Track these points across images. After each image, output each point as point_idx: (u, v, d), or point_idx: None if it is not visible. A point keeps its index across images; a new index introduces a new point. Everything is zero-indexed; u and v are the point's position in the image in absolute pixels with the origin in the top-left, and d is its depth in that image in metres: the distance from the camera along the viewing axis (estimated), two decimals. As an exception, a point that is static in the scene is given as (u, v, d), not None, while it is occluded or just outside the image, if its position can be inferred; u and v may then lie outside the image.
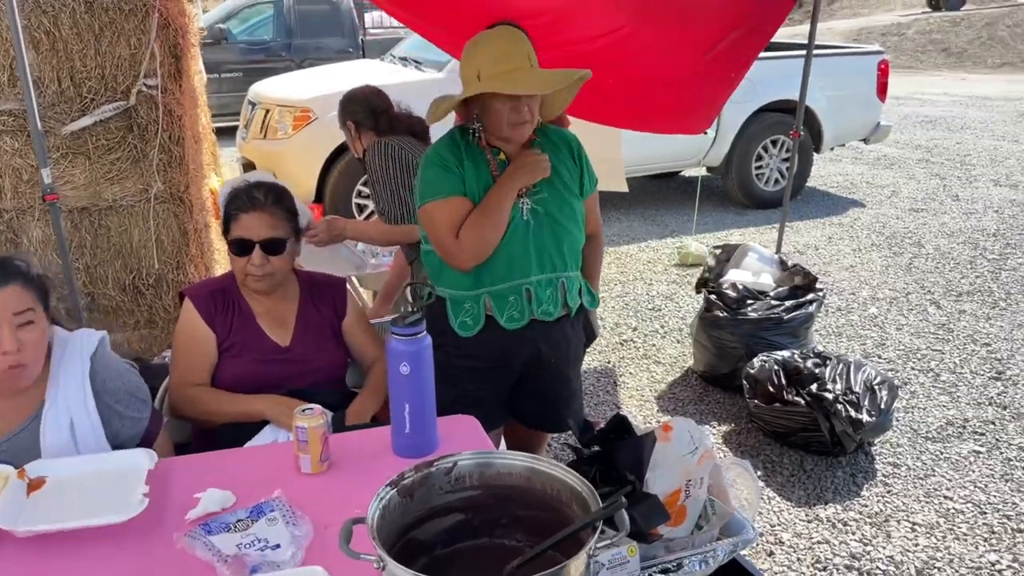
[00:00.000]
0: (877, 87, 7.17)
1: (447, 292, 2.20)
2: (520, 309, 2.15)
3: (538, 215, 2.13)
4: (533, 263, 2.13)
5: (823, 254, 5.82)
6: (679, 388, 3.98)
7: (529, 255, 2.13)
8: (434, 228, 2.12)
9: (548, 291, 2.16)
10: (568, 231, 2.17)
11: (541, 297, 2.15)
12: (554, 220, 2.14)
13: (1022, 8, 21.48)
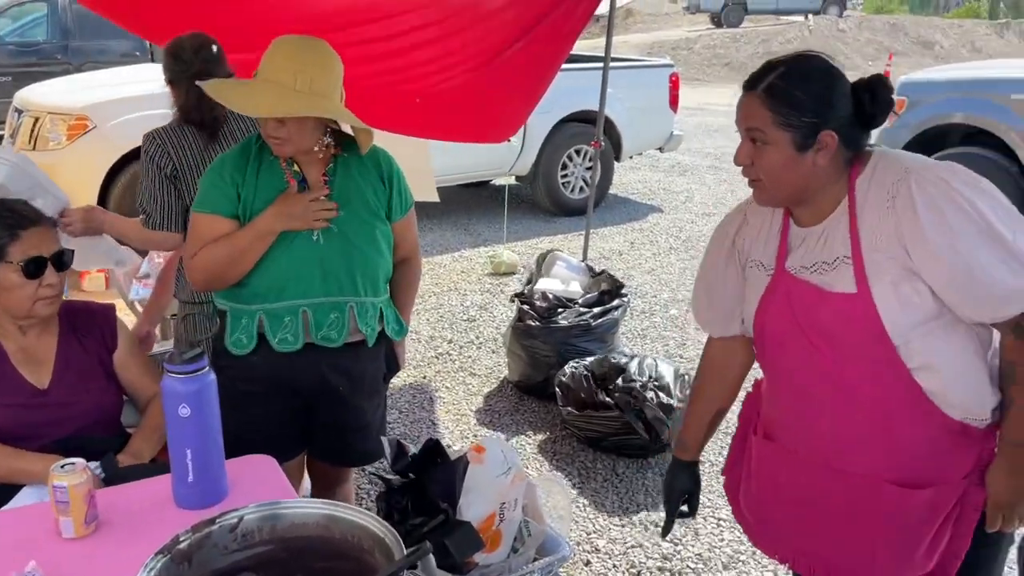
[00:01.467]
0: (669, 98, 7.58)
1: (226, 304, 2.03)
2: (295, 332, 2.00)
3: (331, 235, 1.99)
4: (316, 284, 1.99)
5: (626, 259, 6.05)
6: (495, 399, 3.95)
7: (313, 275, 1.98)
8: (188, 237, 2.03)
9: (332, 315, 2.02)
10: (365, 255, 2.04)
11: (322, 321, 2.01)
12: (348, 242, 2.01)
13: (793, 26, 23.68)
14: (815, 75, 1.46)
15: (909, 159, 1.47)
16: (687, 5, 28.29)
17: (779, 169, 1.46)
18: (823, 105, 1.43)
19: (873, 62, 21.78)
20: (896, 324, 1.42)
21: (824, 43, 22.68)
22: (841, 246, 1.47)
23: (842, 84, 1.46)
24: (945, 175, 1.39)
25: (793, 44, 22.38)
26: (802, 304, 1.52)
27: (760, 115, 1.46)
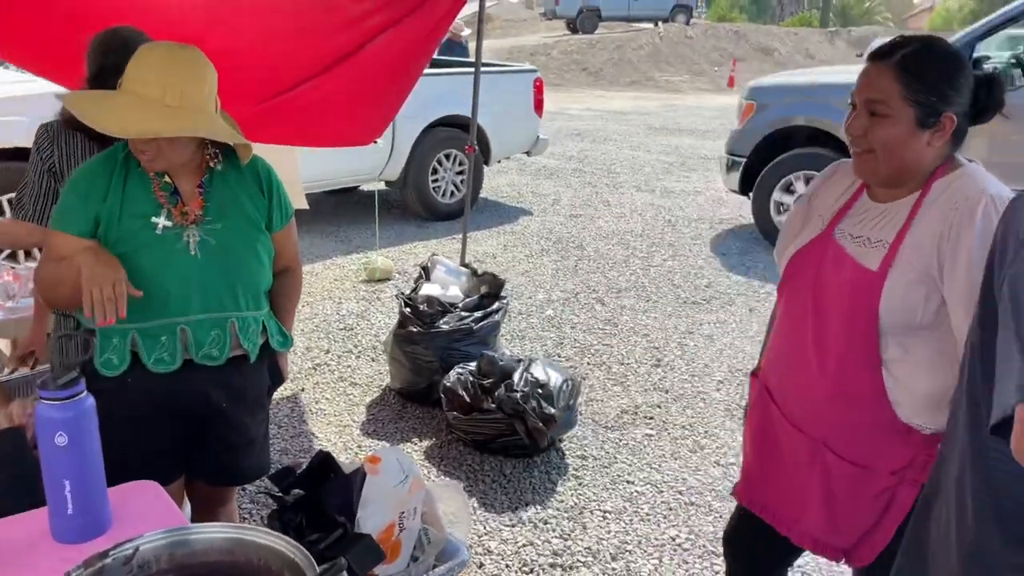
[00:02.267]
0: (534, 103, 7.72)
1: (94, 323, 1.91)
2: (172, 351, 1.91)
3: (209, 248, 1.91)
4: (194, 301, 1.91)
5: (501, 261, 6.11)
6: (378, 408, 3.90)
7: (190, 292, 1.90)
8: (44, 251, 1.94)
9: (213, 332, 1.94)
10: (246, 267, 1.97)
11: (202, 339, 1.93)
12: (228, 255, 1.93)
13: (645, 32, 24.62)
14: (948, 56, 1.51)
15: (995, 186, 1.50)
16: (544, 11, 28.88)
17: (895, 143, 1.51)
18: (951, 87, 1.48)
19: (719, 68, 22.98)
20: (890, 314, 1.50)
21: (674, 49, 23.73)
22: (891, 230, 1.54)
23: (969, 71, 1.51)
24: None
25: (645, 50, 23.28)
26: (826, 264, 1.61)
27: (888, 87, 1.49)
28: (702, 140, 12.06)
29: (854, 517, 1.63)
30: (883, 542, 1.61)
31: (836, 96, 6.23)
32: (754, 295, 5.52)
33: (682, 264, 6.15)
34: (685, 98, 18.80)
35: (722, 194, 8.04)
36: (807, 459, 1.67)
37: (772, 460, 1.77)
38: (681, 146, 11.50)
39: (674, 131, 12.97)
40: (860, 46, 23.37)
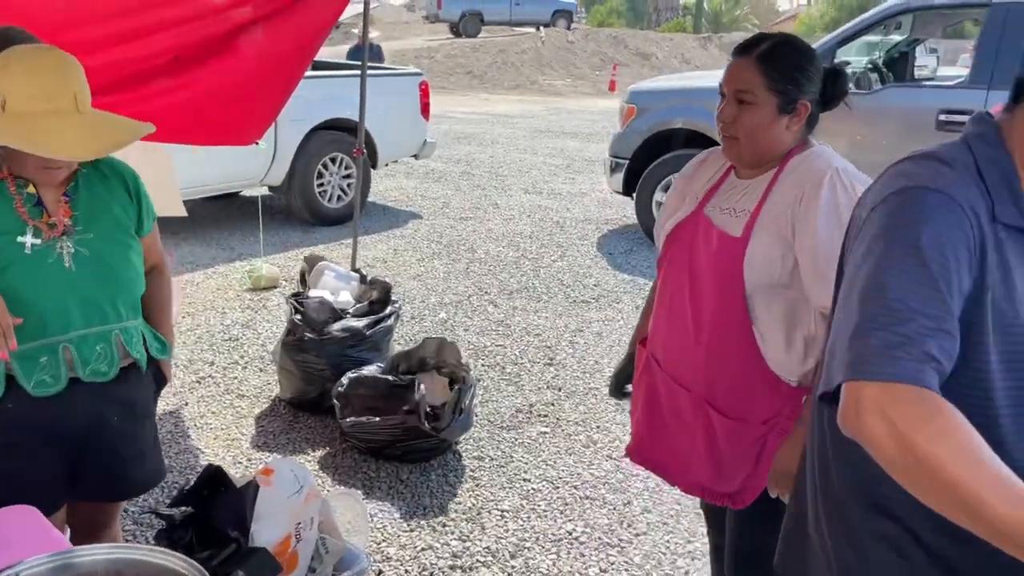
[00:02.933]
0: (420, 106, 7.70)
1: None
2: (55, 372, 1.80)
3: (83, 260, 1.82)
4: (75, 316, 1.81)
5: (391, 266, 6.07)
6: (267, 420, 3.80)
7: (68, 308, 1.80)
8: None
9: (98, 347, 1.85)
10: (123, 277, 1.89)
11: (88, 355, 1.84)
12: (104, 265, 1.84)
13: (528, 37, 24.94)
14: (801, 50, 1.71)
15: (841, 161, 1.70)
16: (426, 15, 28.83)
17: (760, 127, 1.69)
18: (806, 77, 1.68)
19: (600, 72, 23.54)
20: (752, 274, 1.68)
21: (556, 53, 24.15)
22: (751, 201, 1.72)
23: (819, 64, 1.71)
24: (857, 189, 1.60)
25: (528, 54, 23.59)
26: (696, 236, 1.77)
27: (752, 78, 1.68)
28: (586, 143, 12.32)
29: (735, 466, 1.81)
30: (760, 486, 1.78)
31: (711, 100, 6.48)
32: (640, 293, 5.68)
33: (571, 264, 6.26)
34: (568, 102, 19.16)
35: (607, 195, 8.24)
36: (691, 417, 1.83)
37: (659, 420, 1.92)
38: (566, 149, 11.71)
39: (559, 134, 13.19)
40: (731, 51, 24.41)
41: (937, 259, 1.00)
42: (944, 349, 0.97)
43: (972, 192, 1.08)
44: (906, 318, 0.98)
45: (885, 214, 1.08)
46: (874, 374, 0.96)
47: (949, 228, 1.03)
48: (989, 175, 1.10)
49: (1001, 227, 1.08)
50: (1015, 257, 1.09)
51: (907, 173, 1.12)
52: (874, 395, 0.95)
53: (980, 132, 1.15)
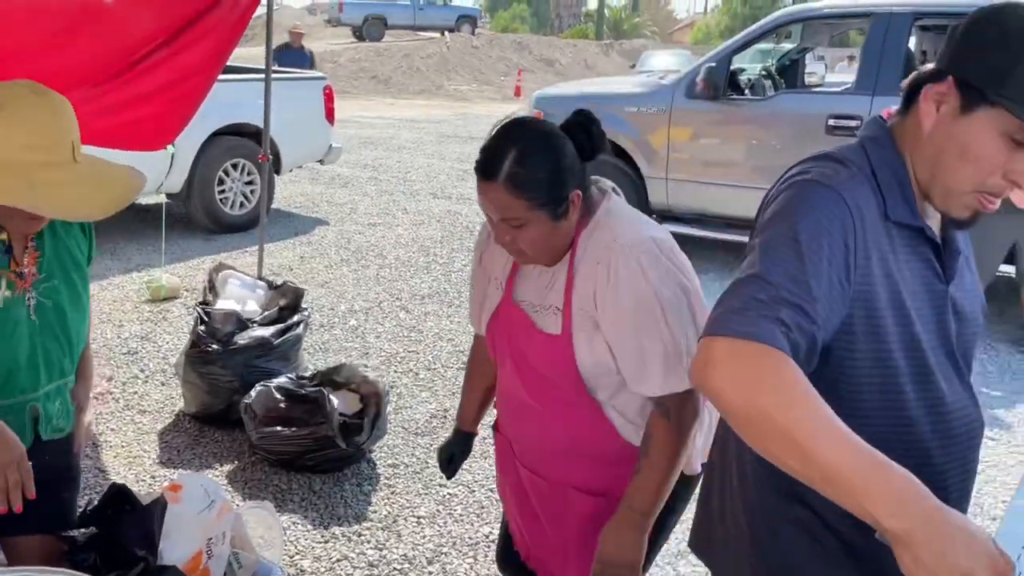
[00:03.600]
0: (325, 111, 7.59)
1: None
2: (20, 433, 1.63)
3: (45, 311, 1.67)
4: (42, 372, 1.69)
5: (298, 273, 5.95)
6: (172, 435, 3.67)
7: (37, 364, 1.67)
8: None
9: (57, 402, 1.75)
10: (78, 324, 1.76)
11: (50, 412, 1.73)
12: (63, 314, 1.70)
13: (433, 42, 24.90)
14: (541, 147, 1.51)
15: (619, 229, 1.55)
16: (328, 18, 28.42)
17: (542, 240, 1.55)
18: (562, 173, 1.50)
19: (505, 77, 23.72)
20: (587, 368, 1.58)
21: (461, 58, 24.21)
22: (558, 295, 1.59)
23: (564, 143, 1.53)
24: (644, 262, 1.50)
25: (434, 59, 23.56)
26: (517, 332, 1.66)
27: (512, 204, 1.50)
28: (493, 147, 12.37)
29: None
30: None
31: (615, 105, 6.65)
32: (550, 295, 5.75)
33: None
34: (474, 106, 19.23)
35: (515, 199, 8.28)
36: (560, 508, 1.71)
37: (531, 514, 1.80)
38: (474, 153, 11.47)
39: (466, 139, 13.22)
40: (632, 57, 25.02)
41: (811, 245, 1.07)
42: (796, 321, 1.03)
43: (864, 191, 1.15)
44: (767, 286, 1.04)
45: (778, 203, 1.15)
46: (728, 331, 1.01)
47: (830, 221, 1.09)
48: (882, 176, 1.17)
49: (893, 224, 1.16)
50: (907, 253, 1.17)
51: (804, 171, 1.19)
52: (724, 348, 1.00)
53: (874, 135, 1.22)
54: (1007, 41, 1.07)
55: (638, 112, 6.50)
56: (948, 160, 1.13)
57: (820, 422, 0.94)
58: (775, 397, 0.96)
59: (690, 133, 6.33)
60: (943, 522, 0.88)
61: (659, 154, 6.39)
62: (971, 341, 1.28)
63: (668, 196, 6.41)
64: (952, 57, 1.14)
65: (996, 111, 1.07)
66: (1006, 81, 1.06)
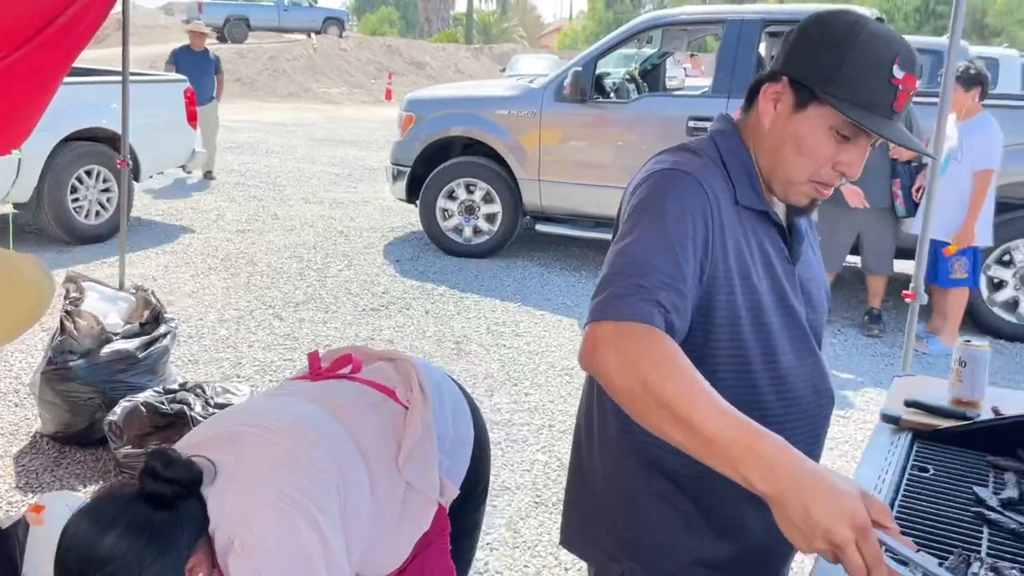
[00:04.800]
0: (187, 114, 7.30)
1: None
2: None
3: None
4: None
5: (163, 284, 5.70)
6: (28, 457, 3.44)
7: None
8: None
9: None
10: None
11: None
12: None
13: (299, 44, 24.32)
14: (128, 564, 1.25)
15: (235, 516, 1.33)
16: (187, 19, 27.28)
17: None
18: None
19: (376, 80, 23.49)
20: None
21: (329, 61, 23.79)
22: None
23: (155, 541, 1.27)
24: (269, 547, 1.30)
25: (301, 62, 23.05)
26: None
27: None
28: (366, 151, 12.25)
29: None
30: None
31: (487, 108, 6.73)
32: (428, 297, 5.75)
33: (358, 273, 6.21)
34: (345, 110, 18.94)
35: (390, 203, 8.25)
36: None
37: None
38: (346, 158, 11.58)
39: (338, 143, 13.02)
40: (502, 61, 25.30)
41: (677, 228, 1.16)
42: (673, 302, 1.11)
43: (717, 178, 1.25)
44: (644, 272, 1.11)
45: (642, 191, 1.23)
46: (611, 315, 1.08)
47: (692, 203, 1.19)
48: (731, 165, 1.28)
49: (742, 209, 1.27)
50: (756, 235, 1.28)
51: (663, 160, 1.28)
52: (609, 331, 1.07)
53: (722, 129, 1.34)
54: (834, 44, 1.18)
55: (509, 115, 6.59)
56: (786, 153, 1.24)
57: (697, 394, 1.01)
58: (656, 372, 1.02)
59: (560, 135, 6.48)
60: (810, 483, 0.94)
61: (531, 156, 6.51)
62: (819, 319, 1.39)
63: (541, 197, 6.54)
64: (786, 59, 1.24)
65: (825, 108, 1.19)
66: (833, 81, 1.18)
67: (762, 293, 1.26)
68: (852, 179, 1.27)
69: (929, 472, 1.62)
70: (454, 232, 6.83)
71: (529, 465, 3.58)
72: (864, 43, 1.17)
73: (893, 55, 1.17)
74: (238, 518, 1.31)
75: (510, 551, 2.96)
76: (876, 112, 1.18)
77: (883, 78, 1.17)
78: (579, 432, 1.45)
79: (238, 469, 1.35)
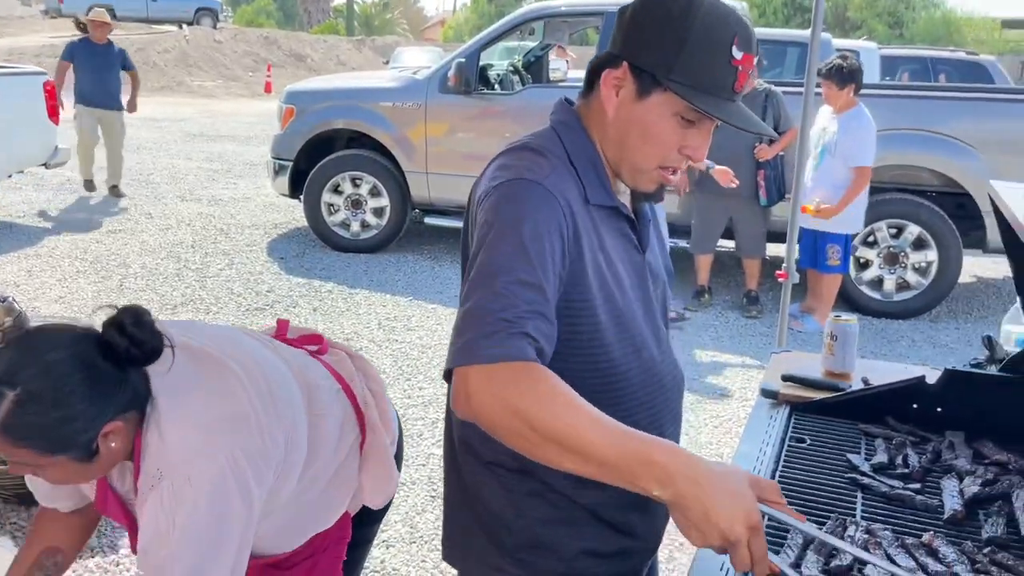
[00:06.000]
0: (47, 109, 6.86)
1: None
2: None
3: None
4: None
5: (26, 290, 5.33)
6: None
7: None
8: None
9: None
10: None
11: None
12: None
13: (170, 35, 23.25)
14: (46, 390, 1.23)
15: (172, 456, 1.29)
16: (46, 9, 25.67)
17: (74, 477, 1.32)
18: (75, 420, 1.23)
19: (254, 72, 22.74)
20: None
21: (203, 53, 22.87)
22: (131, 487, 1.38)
23: (85, 374, 1.25)
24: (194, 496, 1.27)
25: (172, 54, 22.06)
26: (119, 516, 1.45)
27: (16, 453, 1.25)
28: (245, 146, 11.85)
29: None
30: None
31: (371, 100, 6.62)
32: (315, 295, 5.62)
33: (240, 272, 6.00)
34: (222, 104, 18.27)
35: (273, 199, 8.00)
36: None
37: None
38: (224, 153, 11.17)
39: (215, 138, 12.54)
40: (385, 53, 24.96)
41: (536, 248, 1.10)
42: (541, 330, 1.07)
43: (566, 181, 1.20)
44: (507, 304, 1.05)
45: (490, 208, 1.16)
46: (481, 358, 1.03)
47: (546, 218, 1.13)
48: (579, 162, 1.23)
49: (594, 208, 1.23)
50: (608, 231, 1.25)
51: (507, 166, 1.20)
52: (481, 377, 1.03)
53: (564, 119, 1.28)
54: (671, 28, 1.15)
55: (394, 107, 6.50)
56: (632, 141, 1.20)
57: (585, 422, 1.01)
58: (539, 410, 1.00)
59: (447, 127, 6.44)
60: (708, 485, 0.98)
61: (418, 148, 6.45)
62: (665, 296, 1.40)
63: (429, 190, 6.49)
64: (624, 42, 1.19)
65: (669, 95, 1.16)
66: (674, 68, 1.14)
67: (620, 292, 1.24)
68: (697, 162, 1.27)
69: (806, 442, 1.69)
70: (341, 227, 6.70)
71: (425, 459, 3.55)
72: (702, 25, 1.14)
73: (732, 36, 1.14)
74: (181, 461, 1.28)
75: (407, 547, 2.93)
76: (719, 96, 1.16)
77: (723, 61, 1.14)
78: (451, 444, 1.38)
79: (205, 406, 1.33)
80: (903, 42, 26.10)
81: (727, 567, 1.23)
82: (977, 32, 31.06)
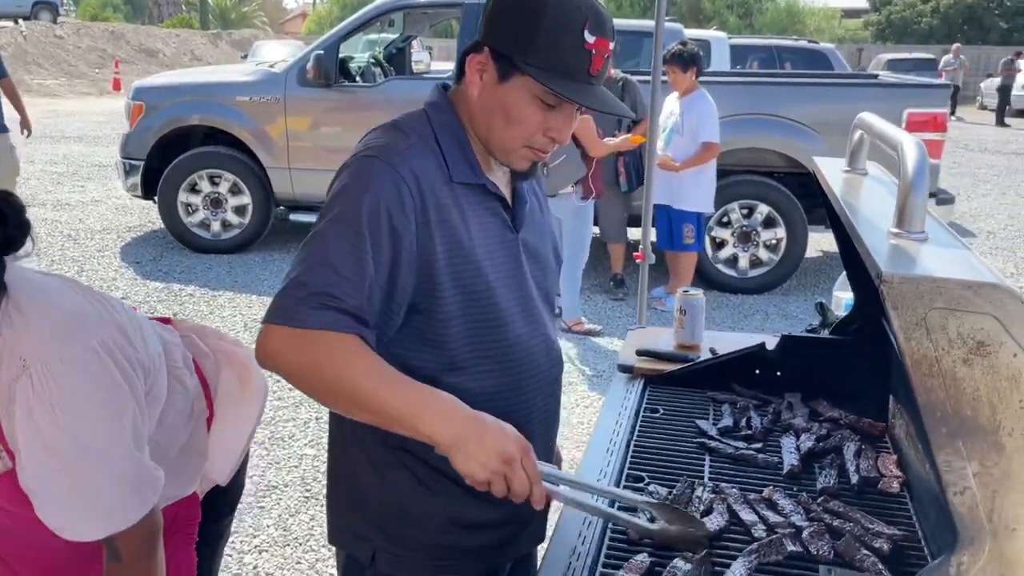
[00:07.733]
0: None
1: None
2: None
3: None
4: None
5: None
6: None
7: None
8: None
9: None
10: None
11: None
12: None
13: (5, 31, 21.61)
14: None
15: (37, 342, 1.23)
16: None
17: None
18: None
19: (100, 69, 21.50)
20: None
21: (43, 49, 21.43)
22: None
23: None
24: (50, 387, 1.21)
25: (9, 51, 20.51)
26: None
27: None
28: (93, 147, 11.21)
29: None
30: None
31: (225, 94, 6.38)
32: (175, 299, 5.39)
33: (92, 279, 5.67)
34: (66, 103, 17.18)
35: (125, 201, 7.61)
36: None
37: None
38: (70, 155, 10.51)
39: (59, 139, 11.78)
40: (243, 48, 24.13)
41: (370, 226, 1.16)
42: (362, 306, 1.14)
43: (425, 159, 1.24)
44: (334, 279, 1.13)
45: (339, 180, 1.23)
46: (298, 322, 1.12)
47: (388, 197, 1.18)
48: (444, 142, 1.27)
49: (458, 186, 1.26)
50: (474, 209, 1.28)
51: (368, 144, 1.26)
52: (286, 337, 1.13)
53: (435, 102, 1.32)
54: (526, 13, 1.19)
55: (251, 101, 6.30)
56: (497, 123, 1.25)
57: (372, 377, 1.13)
58: (334, 369, 1.12)
59: (308, 121, 6.29)
60: (479, 422, 1.13)
61: (278, 144, 6.26)
62: (548, 279, 1.44)
63: (293, 186, 6.32)
64: (486, 28, 1.24)
65: (526, 78, 1.20)
66: (529, 51, 1.19)
67: (486, 270, 1.26)
68: (563, 144, 1.32)
69: (659, 412, 1.76)
70: (200, 228, 6.43)
71: (297, 461, 3.47)
72: (554, 10, 1.18)
73: (583, 20, 1.18)
74: (49, 344, 1.23)
75: (281, 549, 2.86)
76: (575, 79, 1.20)
77: (576, 44, 1.18)
78: (331, 428, 1.41)
79: (70, 301, 1.30)
80: (752, 32, 27.46)
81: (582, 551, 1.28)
82: (819, 21, 33.05)
